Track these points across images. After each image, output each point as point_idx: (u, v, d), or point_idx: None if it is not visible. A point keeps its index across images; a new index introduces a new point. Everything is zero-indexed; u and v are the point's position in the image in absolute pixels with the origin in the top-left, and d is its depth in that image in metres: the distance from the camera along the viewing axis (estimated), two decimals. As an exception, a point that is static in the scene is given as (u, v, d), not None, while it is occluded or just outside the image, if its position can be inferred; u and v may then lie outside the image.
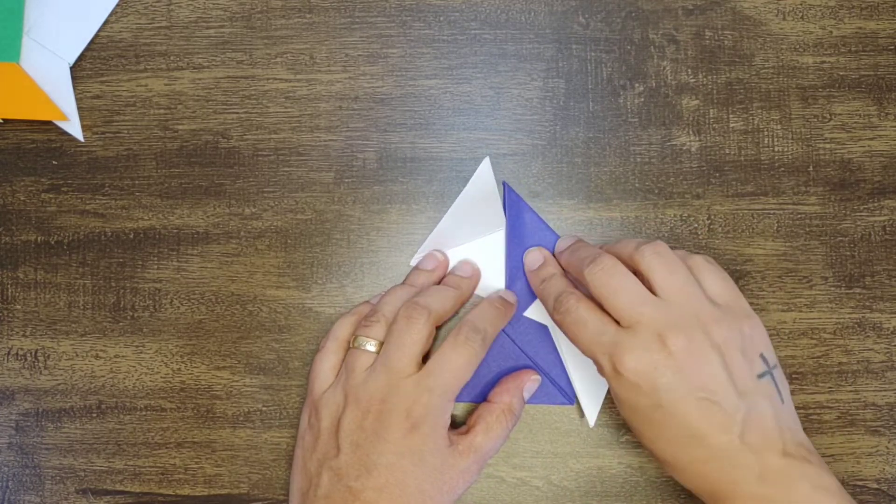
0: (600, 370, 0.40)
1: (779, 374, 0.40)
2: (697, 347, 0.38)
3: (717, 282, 0.41)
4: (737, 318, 0.40)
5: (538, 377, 0.45)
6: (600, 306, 0.41)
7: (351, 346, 0.43)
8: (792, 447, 0.38)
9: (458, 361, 0.41)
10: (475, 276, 0.46)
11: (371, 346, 0.42)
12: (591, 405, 0.46)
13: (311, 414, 0.43)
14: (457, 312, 0.46)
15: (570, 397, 0.46)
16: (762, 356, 0.39)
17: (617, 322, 0.40)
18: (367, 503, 0.39)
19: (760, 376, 0.39)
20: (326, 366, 0.44)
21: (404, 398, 0.40)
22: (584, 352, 0.40)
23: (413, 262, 0.47)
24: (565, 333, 0.42)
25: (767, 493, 0.37)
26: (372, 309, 0.44)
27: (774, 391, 0.39)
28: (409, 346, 0.41)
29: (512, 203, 0.47)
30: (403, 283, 0.46)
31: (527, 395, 0.45)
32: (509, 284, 0.46)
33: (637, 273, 0.41)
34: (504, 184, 0.47)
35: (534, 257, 0.46)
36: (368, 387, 0.41)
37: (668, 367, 0.38)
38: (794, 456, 0.38)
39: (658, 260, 0.40)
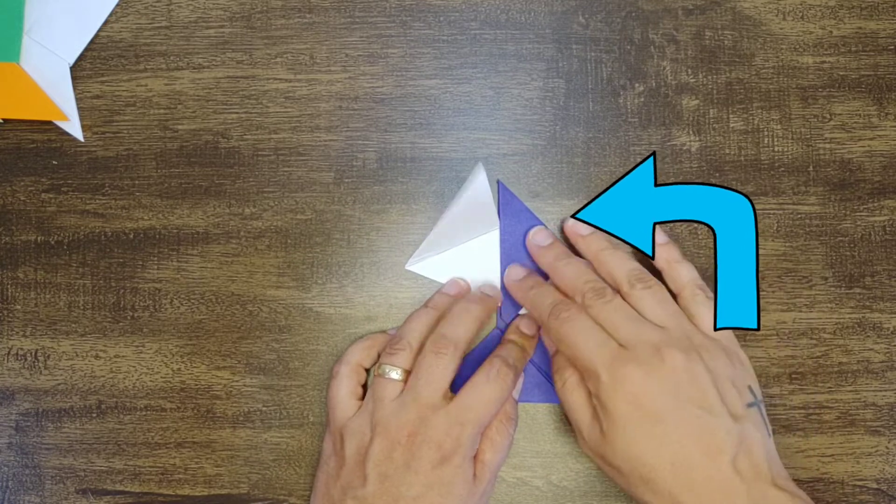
0: (594, 383, 0.40)
1: (764, 409, 0.41)
2: (693, 366, 0.40)
3: (709, 318, 0.43)
4: (726, 350, 0.42)
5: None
6: None
7: (375, 373, 0.43)
8: (781, 480, 0.38)
9: (490, 395, 0.41)
10: (498, 296, 0.46)
11: (396, 375, 0.42)
12: None
13: (335, 441, 0.43)
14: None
15: None
16: (750, 388, 0.41)
17: None
18: None
19: (749, 406, 0.40)
20: (344, 392, 0.43)
21: (436, 431, 0.40)
22: (583, 362, 0.41)
23: (409, 267, 0.47)
24: (560, 341, 0.42)
25: None
26: (396, 336, 0.44)
27: (762, 422, 0.40)
28: (438, 380, 0.41)
29: (506, 202, 0.47)
30: (425, 305, 0.46)
31: (516, 395, 0.45)
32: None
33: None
34: (498, 182, 0.47)
35: (516, 271, 0.46)
36: (398, 418, 0.41)
37: (668, 381, 0.39)
38: (784, 489, 0.38)
39: (649, 293, 0.42)
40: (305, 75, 0.48)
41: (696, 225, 0.47)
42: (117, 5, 0.48)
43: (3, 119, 0.48)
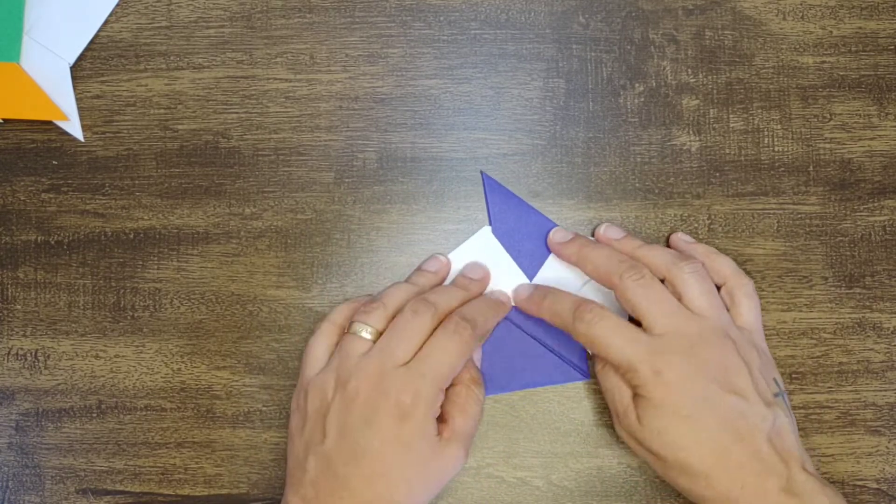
0: (633, 377, 0.40)
1: (788, 400, 0.42)
2: (729, 356, 0.41)
3: (749, 311, 0.44)
4: (754, 343, 0.43)
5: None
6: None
7: (347, 331, 0.43)
8: (809, 466, 0.40)
9: (448, 347, 0.41)
10: (485, 278, 0.46)
11: (367, 334, 0.42)
12: None
13: (301, 395, 0.43)
14: None
15: (585, 371, 0.46)
16: (775, 380, 0.42)
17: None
18: (354, 491, 0.39)
19: (776, 395, 0.41)
20: (320, 348, 0.43)
21: (395, 385, 0.40)
22: (617, 359, 0.41)
23: None
24: (591, 344, 0.42)
25: None
26: (373, 298, 0.44)
27: (788, 411, 0.41)
28: (410, 338, 0.41)
29: (492, 190, 0.47)
30: (407, 281, 0.46)
31: (478, 363, 0.45)
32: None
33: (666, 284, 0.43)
34: (482, 173, 0.47)
35: (524, 288, 0.46)
36: (360, 372, 0.40)
37: (706, 370, 0.40)
38: (812, 474, 0.39)
39: (695, 278, 0.42)
40: (305, 75, 0.48)
41: (695, 224, 0.47)
42: (117, 5, 0.48)
43: (3, 119, 0.48)
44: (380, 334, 0.42)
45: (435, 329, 0.42)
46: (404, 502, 0.40)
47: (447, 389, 0.43)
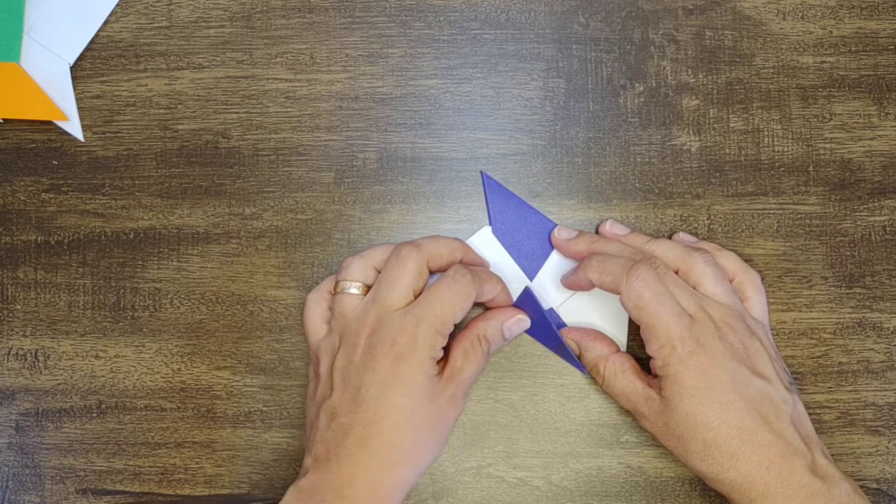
0: (666, 353, 0.40)
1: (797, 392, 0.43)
2: (752, 341, 0.41)
3: (758, 304, 0.44)
4: (768, 335, 0.44)
5: (524, 317, 0.44)
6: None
7: (335, 291, 0.43)
8: (828, 454, 0.40)
9: (446, 293, 0.41)
10: (484, 263, 0.46)
11: (354, 289, 0.42)
12: (619, 333, 0.46)
13: (314, 364, 0.43)
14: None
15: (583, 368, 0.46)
16: (785, 369, 0.43)
17: None
18: (358, 439, 0.39)
19: (790, 383, 0.42)
20: (316, 315, 0.43)
21: (391, 327, 0.40)
22: (659, 331, 0.40)
23: None
24: (639, 305, 0.41)
25: (815, 486, 0.38)
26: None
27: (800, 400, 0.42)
28: (398, 280, 0.41)
29: (492, 190, 0.47)
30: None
31: (507, 334, 0.44)
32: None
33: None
34: (482, 174, 0.47)
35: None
36: (358, 322, 0.41)
37: (733, 352, 0.40)
38: (832, 462, 0.40)
39: (709, 267, 0.43)
40: (305, 75, 0.48)
41: (695, 224, 0.47)
42: (117, 5, 0.48)
43: (3, 119, 0.48)
44: (367, 287, 0.42)
45: (424, 270, 0.42)
46: (411, 447, 0.40)
47: (455, 334, 0.42)
